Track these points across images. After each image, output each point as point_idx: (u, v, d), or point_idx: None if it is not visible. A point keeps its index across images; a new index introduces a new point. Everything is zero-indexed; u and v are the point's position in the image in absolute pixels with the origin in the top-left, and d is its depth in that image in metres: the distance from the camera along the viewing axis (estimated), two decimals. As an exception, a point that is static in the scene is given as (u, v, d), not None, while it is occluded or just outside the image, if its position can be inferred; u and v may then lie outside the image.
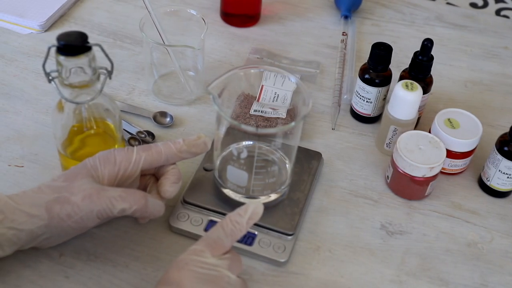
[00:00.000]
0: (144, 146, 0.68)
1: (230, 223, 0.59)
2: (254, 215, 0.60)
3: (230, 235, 0.59)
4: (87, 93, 0.66)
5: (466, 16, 1.09)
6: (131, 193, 0.63)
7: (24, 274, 0.66)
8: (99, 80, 0.66)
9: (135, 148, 0.67)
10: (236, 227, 0.59)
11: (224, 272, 0.57)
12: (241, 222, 0.59)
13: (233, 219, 0.60)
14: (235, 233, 0.59)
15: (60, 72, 0.64)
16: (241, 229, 0.59)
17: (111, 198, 0.62)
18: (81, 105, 0.68)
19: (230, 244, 0.59)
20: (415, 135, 0.76)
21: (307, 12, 1.07)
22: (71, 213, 0.61)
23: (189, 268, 0.56)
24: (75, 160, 0.71)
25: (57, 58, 0.63)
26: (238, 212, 0.60)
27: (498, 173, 0.75)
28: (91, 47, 0.63)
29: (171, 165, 0.69)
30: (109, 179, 0.65)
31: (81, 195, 0.61)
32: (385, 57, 0.81)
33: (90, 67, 0.64)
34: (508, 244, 0.73)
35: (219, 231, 0.59)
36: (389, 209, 0.76)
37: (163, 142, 0.68)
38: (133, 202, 0.63)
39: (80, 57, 0.63)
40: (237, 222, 0.59)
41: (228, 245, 0.59)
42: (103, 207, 0.61)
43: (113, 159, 0.65)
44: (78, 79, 0.64)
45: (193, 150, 0.69)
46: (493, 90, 0.95)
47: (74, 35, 0.63)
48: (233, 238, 0.59)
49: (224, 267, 0.58)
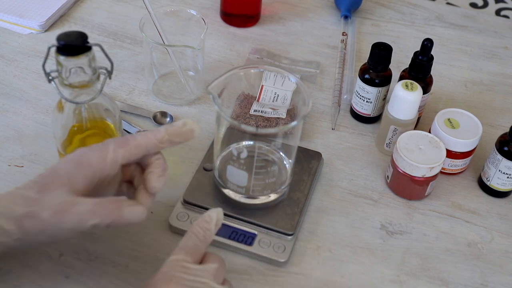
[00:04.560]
0: (121, 140, 0.62)
1: (201, 230, 0.61)
2: (218, 221, 0.62)
3: (203, 241, 0.60)
4: (87, 93, 0.66)
5: (466, 16, 1.09)
6: (104, 205, 0.59)
7: (24, 274, 0.66)
8: (99, 80, 0.66)
9: (110, 144, 0.61)
10: (206, 233, 0.61)
11: (210, 283, 0.58)
12: (210, 228, 0.61)
13: (202, 226, 0.61)
14: (207, 239, 0.61)
15: (60, 72, 0.64)
16: (211, 235, 0.61)
17: (80, 214, 0.57)
18: (81, 105, 0.68)
19: (204, 249, 0.60)
20: (415, 135, 0.76)
21: (307, 12, 1.07)
22: (43, 229, 0.58)
23: (177, 280, 0.56)
24: None
25: (57, 58, 0.63)
26: (204, 219, 0.61)
27: (498, 173, 0.75)
28: (91, 47, 0.63)
29: (156, 155, 0.64)
30: (85, 184, 0.60)
31: (51, 211, 0.57)
32: (385, 57, 0.81)
33: (90, 67, 0.64)
34: (508, 244, 0.73)
35: (194, 239, 0.60)
36: (389, 209, 0.76)
37: (143, 132, 0.63)
38: (105, 216, 0.58)
39: (80, 57, 0.63)
40: (207, 229, 0.61)
41: (203, 251, 0.60)
42: (73, 224, 0.57)
43: (86, 162, 0.60)
44: (78, 79, 0.64)
45: (177, 140, 0.63)
46: (493, 90, 0.95)
47: (74, 35, 0.63)
48: (206, 244, 0.61)
49: (210, 276, 0.58)
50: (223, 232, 0.69)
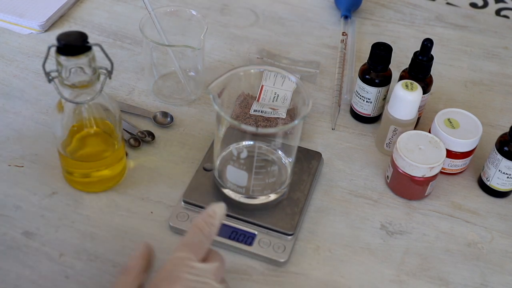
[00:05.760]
0: None
1: (206, 225, 0.59)
2: (222, 216, 0.60)
3: (208, 237, 0.59)
4: (87, 93, 0.66)
5: (466, 16, 1.09)
6: None
7: (24, 274, 0.66)
8: (99, 80, 0.66)
9: None
10: (211, 229, 0.59)
11: (212, 283, 0.57)
12: (215, 224, 0.60)
13: (207, 221, 0.59)
14: (211, 235, 0.59)
15: (60, 72, 0.64)
16: (215, 231, 0.60)
17: None
18: (81, 105, 0.68)
19: (209, 245, 0.59)
20: (415, 135, 0.76)
21: (307, 12, 1.07)
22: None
23: (181, 282, 0.55)
24: (75, 160, 0.71)
25: (57, 58, 0.63)
26: (209, 213, 0.60)
27: (498, 173, 0.76)
28: (91, 47, 0.63)
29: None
30: None
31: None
32: (385, 57, 0.81)
33: (90, 67, 0.64)
34: (508, 244, 0.73)
35: (199, 234, 0.59)
36: (389, 209, 0.76)
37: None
38: None
39: (80, 57, 0.63)
40: (212, 224, 0.59)
41: (208, 247, 0.59)
42: None
43: None
44: (78, 79, 0.64)
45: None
46: (493, 90, 0.95)
47: (74, 35, 0.63)
48: (211, 240, 0.59)
49: (212, 276, 0.57)
50: (223, 232, 0.69)
